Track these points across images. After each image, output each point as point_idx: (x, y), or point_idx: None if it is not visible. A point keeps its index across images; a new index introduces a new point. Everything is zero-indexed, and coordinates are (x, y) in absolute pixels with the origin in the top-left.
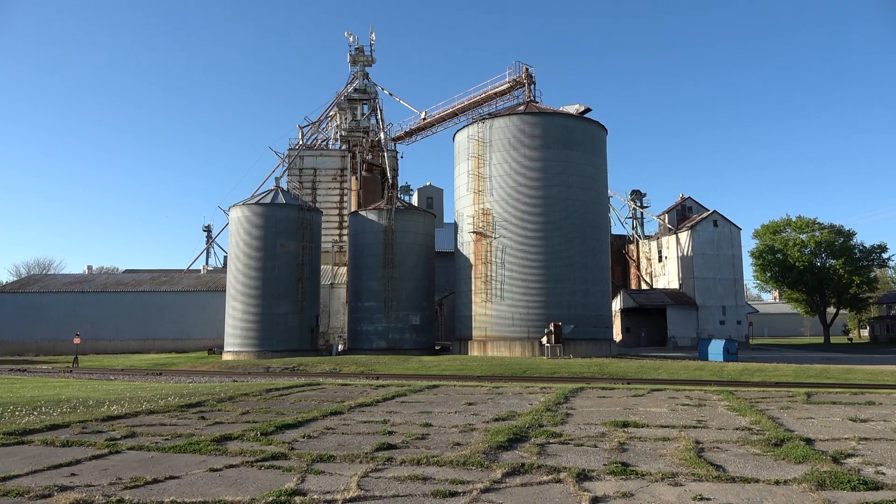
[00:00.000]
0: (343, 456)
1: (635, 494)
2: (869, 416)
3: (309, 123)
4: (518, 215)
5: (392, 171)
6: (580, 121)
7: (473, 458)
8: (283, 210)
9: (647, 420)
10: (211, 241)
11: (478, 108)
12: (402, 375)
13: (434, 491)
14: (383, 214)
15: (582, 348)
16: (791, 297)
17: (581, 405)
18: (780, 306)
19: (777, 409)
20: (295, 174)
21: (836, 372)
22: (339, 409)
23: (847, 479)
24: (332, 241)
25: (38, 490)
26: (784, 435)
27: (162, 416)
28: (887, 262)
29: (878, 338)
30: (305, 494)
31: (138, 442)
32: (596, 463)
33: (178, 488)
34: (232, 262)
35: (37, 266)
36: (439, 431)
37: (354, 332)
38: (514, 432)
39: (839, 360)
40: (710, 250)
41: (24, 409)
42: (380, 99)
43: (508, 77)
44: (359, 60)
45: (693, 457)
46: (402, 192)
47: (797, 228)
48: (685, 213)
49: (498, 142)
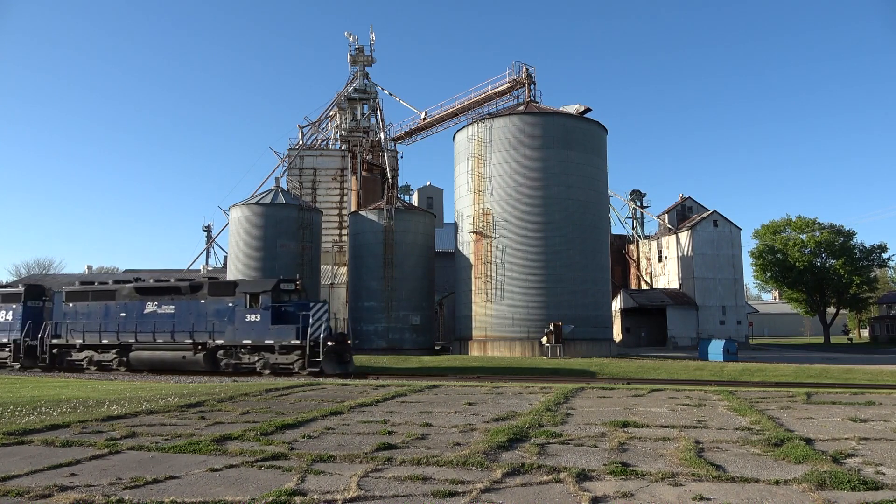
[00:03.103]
0: (343, 456)
1: (635, 494)
2: (869, 416)
3: (309, 123)
4: (518, 215)
5: (392, 171)
6: (580, 121)
7: (473, 458)
8: (283, 210)
9: (647, 420)
10: (211, 241)
11: (478, 108)
12: (402, 375)
13: (434, 491)
14: (383, 214)
15: (582, 348)
16: (791, 297)
17: (581, 405)
18: (780, 306)
19: (777, 409)
20: (295, 174)
21: (836, 372)
22: (339, 409)
23: (847, 479)
24: (332, 241)
25: (38, 490)
26: (784, 435)
27: (162, 416)
28: (887, 262)
29: (878, 338)
30: (305, 494)
31: (138, 442)
32: (596, 463)
33: (178, 488)
34: (232, 262)
35: (37, 266)
36: (439, 431)
37: (354, 332)
38: (514, 432)
39: (839, 360)
40: (710, 250)
41: (24, 409)
42: (380, 99)
43: (508, 77)
44: (359, 60)
45: (693, 457)
46: (402, 192)
47: (797, 228)
48: (685, 213)
49: (498, 142)
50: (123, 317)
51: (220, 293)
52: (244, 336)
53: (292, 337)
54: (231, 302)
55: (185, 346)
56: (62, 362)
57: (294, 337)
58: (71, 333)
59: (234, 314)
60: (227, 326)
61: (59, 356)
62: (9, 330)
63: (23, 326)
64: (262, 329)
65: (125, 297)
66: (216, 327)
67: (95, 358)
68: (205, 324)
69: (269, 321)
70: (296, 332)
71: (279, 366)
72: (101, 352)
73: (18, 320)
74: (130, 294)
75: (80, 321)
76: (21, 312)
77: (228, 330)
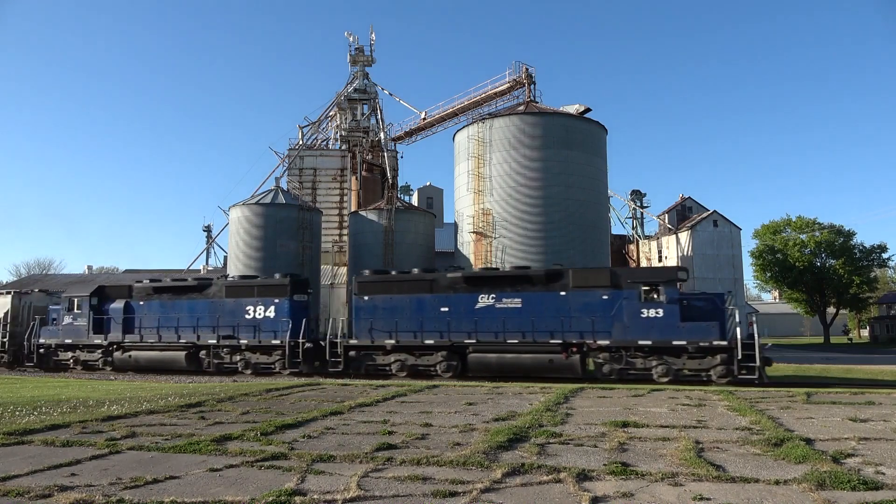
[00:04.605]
0: (343, 456)
1: (635, 494)
2: (869, 416)
3: (309, 123)
4: (518, 215)
5: (392, 171)
6: (580, 121)
7: (473, 458)
8: (283, 210)
9: (647, 420)
10: (211, 241)
11: (478, 108)
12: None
13: (434, 491)
14: (383, 214)
15: None
16: (791, 297)
17: (581, 405)
18: (780, 306)
19: (777, 409)
20: (295, 174)
21: (835, 372)
22: (339, 409)
23: (847, 479)
24: (332, 241)
25: (38, 490)
26: (784, 435)
27: (162, 416)
28: (887, 262)
29: (878, 338)
30: (305, 494)
31: (138, 442)
32: (596, 463)
33: (178, 488)
34: (232, 262)
35: (37, 266)
36: (439, 431)
37: None
38: (514, 432)
39: (839, 360)
40: (710, 250)
41: (24, 409)
42: (380, 99)
43: (508, 77)
44: (359, 60)
45: (693, 457)
46: (402, 192)
47: (797, 228)
48: (685, 213)
49: (498, 142)
50: (446, 311)
51: (591, 284)
52: (640, 336)
53: (715, 336)
54: (606, 294)
55: (550, 347)
56: (359, 367)
57: (717, 336)
58: (370, 333)
59: (621, 309)
60: (613, 324)
61: (356, 359)
62: (275, 329)
63: (294, 325)
64: (669, 328)
65: (447, 287)
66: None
67: (410, 362)
68: (571, 321)
69: (677, 318)
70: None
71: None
72: (420, 355)
73: (285, 317)
74: (455, 284)
75: (383, 317)
76: (288, 308)
77: (617, 327)
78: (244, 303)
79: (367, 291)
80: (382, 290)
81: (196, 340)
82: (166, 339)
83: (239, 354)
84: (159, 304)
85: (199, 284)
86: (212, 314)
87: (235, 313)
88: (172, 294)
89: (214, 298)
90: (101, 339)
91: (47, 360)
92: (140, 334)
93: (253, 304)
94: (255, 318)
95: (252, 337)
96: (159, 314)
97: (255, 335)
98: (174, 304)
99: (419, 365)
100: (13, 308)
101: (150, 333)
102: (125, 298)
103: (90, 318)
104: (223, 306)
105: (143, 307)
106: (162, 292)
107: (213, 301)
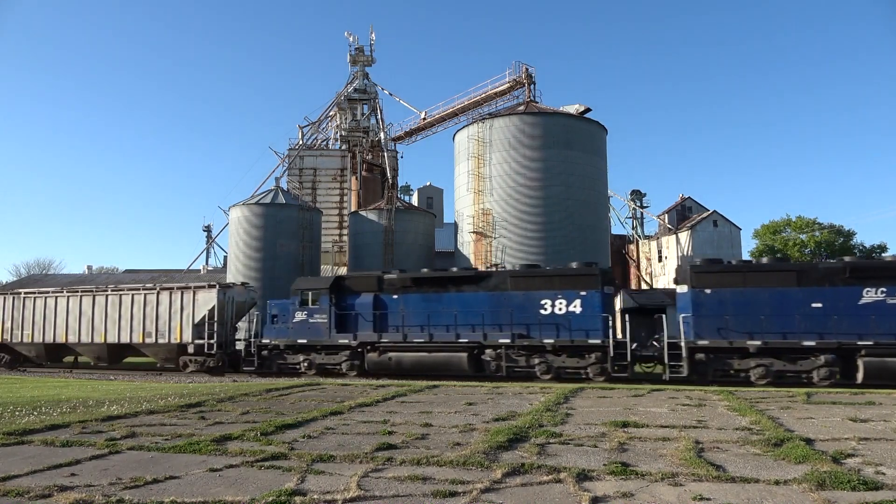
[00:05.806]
0: (343, 456)
1: (635, 494)
2: (869, 416)
3: (309, 123)
4: (518, 215)
5: (392, 171)
6: (580, 121)
7: (473, 458)
8: (283, 210)
9: (647, 420)
10: (211, 241)
11: (478, 108)
12: (402, 375)
13: (434, 491)
14: (383, 214)
15: None
16: None
17: (581, 405)
18: None
19: (777, 409)
20: (295, 174)
21: None
22: (339, 409)
23: (847, 479)
24: (332, 241)
25: (38, 490)
26: (784, 435)
27: (162, 416)
28: None
29: None
30: (305, 494)
31: (138, 442)
32: (596, 463)
33: (178, 488)
34: (232, 262)
35: (37, 266)
36: (439, 431)
37: None
38: (514, 432)
39: None
40: (711, 250)
41: (24, 409)
42: (380, 99)
43: (508, 77)
44: (359, 60)
45: (693, 457)
46: (403, 192)
47: (797, 228)
48: (685, 213)
49: (498, 142)
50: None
51: None
52: None
53: None
54: None
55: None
56: (704, 372)
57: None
58: (722, 332)
59: None
60: None
61: (707, 363)
62: (585, 328)
63: (606, 322)
64: None
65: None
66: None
67: (773, 368)
68: None
69: None
70: None
71: None
72: (788, 359)
73: (597, 316)
74: (837, 275)
75: (729, 315)
76: (599, 302)
77: None
78: (537, 296)
79: (705, 284)
80: (721, 282)
81: (482, 340)
82: (438, 337)
83: (538, 356)
84: (421, 298)
85: (475, 275)
86: (498, 309)
87: (526, 308)
88: (438, 286)
89: (497, 291)
90: (347, 338)
91: (270, 363)
92: (403, 332)
93: (551, 298)
94: (555, 313)
95: (556, 336)
96: (425, 310)
97: (560, 333)
98: (442, 298)
99: (788, 371)
100: (219, 303)
101: (414, 332)
102: (373, 292)
103: (331, 315)
104: (511, 300)
105: (397, 301)
106: (423, 284)
107: (496, 294)
